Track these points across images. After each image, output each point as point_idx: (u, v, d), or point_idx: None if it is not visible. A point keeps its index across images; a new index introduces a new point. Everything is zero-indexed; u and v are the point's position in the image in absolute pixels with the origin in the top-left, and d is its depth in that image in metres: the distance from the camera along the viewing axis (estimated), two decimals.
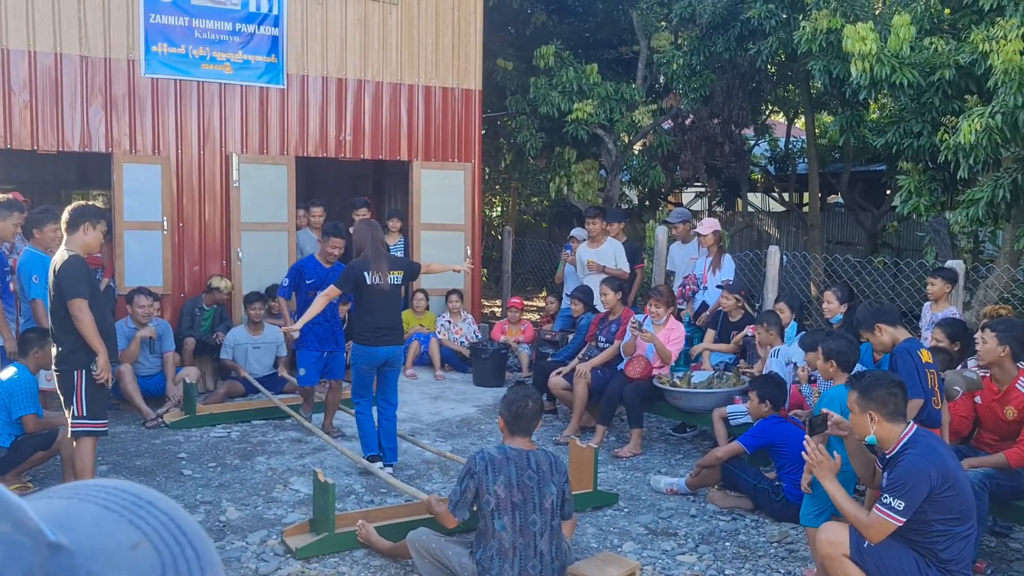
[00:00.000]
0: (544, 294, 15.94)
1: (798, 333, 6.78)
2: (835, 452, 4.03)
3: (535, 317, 12.27)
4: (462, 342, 9.81)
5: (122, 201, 8.52)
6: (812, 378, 6.30)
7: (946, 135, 6.99)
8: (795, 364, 6.25)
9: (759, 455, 5.62)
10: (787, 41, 9.62)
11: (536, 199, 19.76)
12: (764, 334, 6.61)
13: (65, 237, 5.20)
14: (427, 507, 4.54)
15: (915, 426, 3.71)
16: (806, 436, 4.24)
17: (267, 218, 9.25)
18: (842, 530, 3.80)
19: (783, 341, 6.60)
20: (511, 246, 12.63)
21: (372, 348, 5.99)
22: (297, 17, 9.28)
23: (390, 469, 6.05)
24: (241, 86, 9.09)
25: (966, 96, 7.09)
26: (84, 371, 5.13)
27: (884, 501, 3.54)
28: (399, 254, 9.09)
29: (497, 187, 18.47)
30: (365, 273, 5.93)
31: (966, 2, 7.60)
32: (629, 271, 8.68)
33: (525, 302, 10.86)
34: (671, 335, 6.94)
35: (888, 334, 4.80)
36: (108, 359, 5.16)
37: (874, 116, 10.88)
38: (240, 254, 9.10)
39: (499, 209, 20.23)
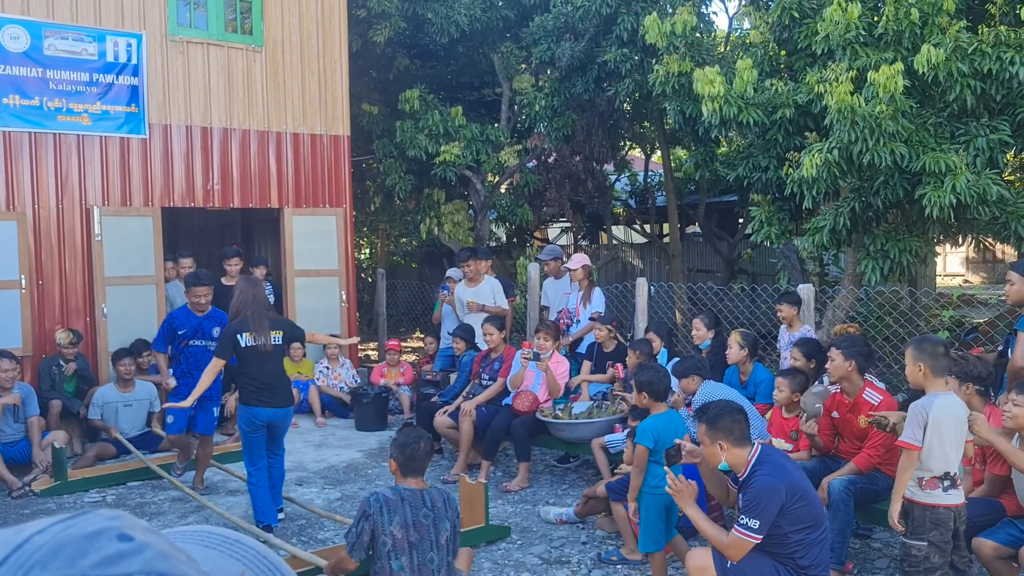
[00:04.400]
0: (418, 334, 15.99)
1: (669, 360, 7.13)
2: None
3: (412, 358, 12.32)
4: (342, 388, 9.77)
5: None
6: (688, 401, 6.66)
7: (790, 169, 7.55)
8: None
9: None
10: (642, 83, 10.16)
11: (405, 240, 19.85)
12: (636, 361, 6.92)
13: None
14: (332, 568, 4.52)
15: (760, 446, 3.99)
16: (665, 466, 4.48)
17: (133, 272, 8.98)
18: (706, 554, 4.05)
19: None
20: (384, 289, 12.67)
21: (253, 408, 5.80)
22: (157, 66, 9.12)
23: (281, 515, 5.95)
24: (100, 137, 8.84)
25: (806, 133, 7.70)
26: None
27: (741, 522, 3.79)
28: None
29: (365, 229, 18.47)
30: (239, 336, 5.77)
31: (801, 47, 8.26)
32: (504, 303, 8.92)
33: (400, 343, 10.91)
34: (558, 368, 7.19)
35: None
36: None
37: (723, 150, 11.60)
38: (105, 310, 8.79)
39: (368, 251, 20.20)
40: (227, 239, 12.30)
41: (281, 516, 6.00)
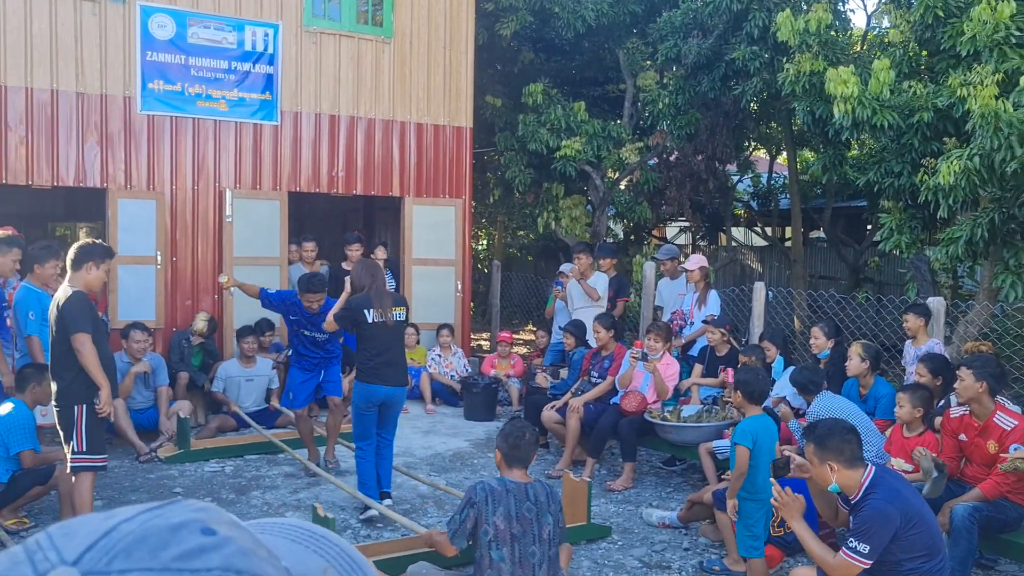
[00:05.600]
0: (530, 327, 16.06)
1: (785, 368, 6.92)
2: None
3: (523, 351, 12.36)
4: (452, 376, 9.89)
5: (116, 236, 8.59)
6: (801, 413, 6.45)
7: (926, 176, 7.19)
8: (784, 399, 6.38)
9: None
10: (771, 82, 9.87)
11: (522, 233, 19.95)
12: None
13: (69, 274, 5.28)
14: (426, 540, 4.60)
15: (873, 468, 3.79)
16: (771, 478, 4.35)
17: (259, 252, 9.34)
18: (810, 573, 3.89)
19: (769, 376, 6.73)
20: (499, 280, 12.76)
21: (371, 386, 5.84)
22: (291, 55, 9.45)
23: (388, 501, 6.04)
24: (235, 123, 9.23)
25: (944, 138, 7.32)
26: (85, 406, 5.19)
27: (850, 545, 3.62)
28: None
29: (483, 221, 18.66)
30: (366, 311, 5.82)
31: (943, 47, 7.85)
32: (604, 300, 8.84)
33: (512, 335, 10.97)
34: (667, 371, 7.08)
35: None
36: (110, 393, 5.22)
37: (854, 153, 11.15)
38: (232, 289, 9.16)
39: (485, 243, 20.40)
40: (348, 225, 12.64)
41: (388, 503, 6.06)
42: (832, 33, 8.80)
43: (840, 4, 10.08)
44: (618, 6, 11.91)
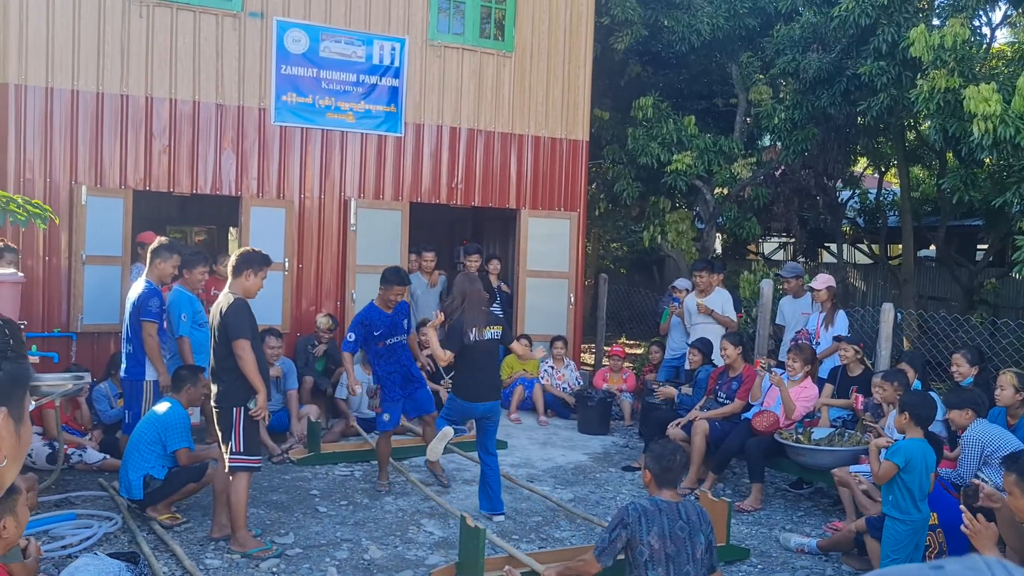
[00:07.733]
0: (623, 340, 15.97)
1: None
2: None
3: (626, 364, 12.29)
4: (564, 388, 9.92)
5: (248, 243, 8.84)
6: (941, 440, 6.28)
7: None
8: None
9: None
10: (898, 97, 9.65)
11: (615, 245, 19.85)
12: (891, 392, 6.58)
13: (229, 280, 5.49)
14: (560, 573, 4.60)
15: None
16: (961, 505, 4.27)
17: (380, 261, 9.45)
18: None
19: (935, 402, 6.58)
20: (605, 293, 12.74)
21: (470, 403, 6.15)
22: (416, 69, 9.63)
23: (500, 517, 6.23)
24: (361, 134, 9.44)
25: None
26: (242, 409, 5.38)
27: None
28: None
29: None
30: (466, 331, 6.07)
31: None
32: (733, 316, 8.82)
33: (624, 350, 10.94)
34: (802, 393, 6.97)
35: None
36: (267, 397, 5.41)
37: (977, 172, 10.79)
38: (354, 295, 9.38)
39: None
40: (457, 235, 12.79)
41: (500, 518, 6.25)
42: (970, 50, 8.56)
43: (976, 19, 9.80)
44: (734, 20, 11.82)
